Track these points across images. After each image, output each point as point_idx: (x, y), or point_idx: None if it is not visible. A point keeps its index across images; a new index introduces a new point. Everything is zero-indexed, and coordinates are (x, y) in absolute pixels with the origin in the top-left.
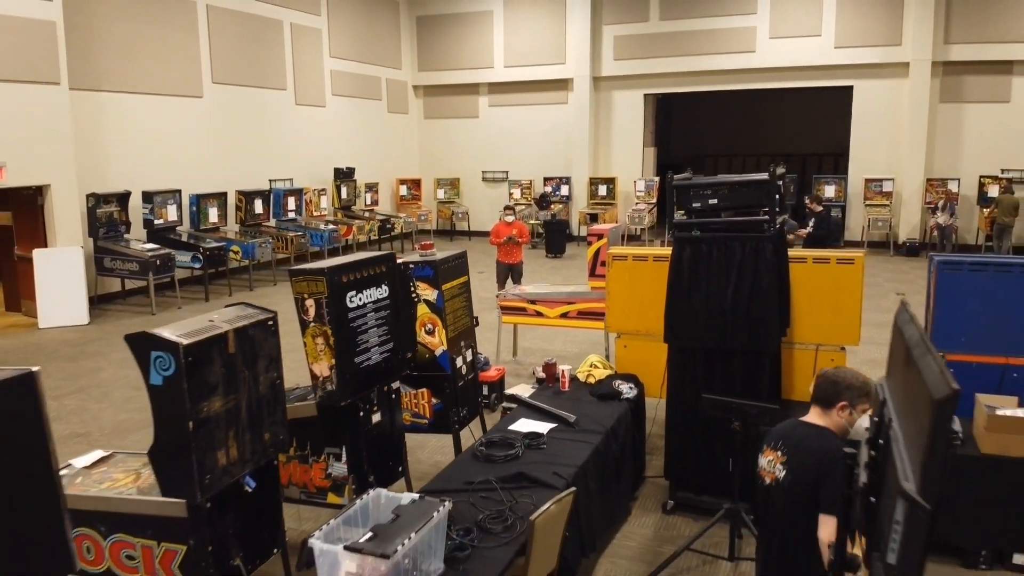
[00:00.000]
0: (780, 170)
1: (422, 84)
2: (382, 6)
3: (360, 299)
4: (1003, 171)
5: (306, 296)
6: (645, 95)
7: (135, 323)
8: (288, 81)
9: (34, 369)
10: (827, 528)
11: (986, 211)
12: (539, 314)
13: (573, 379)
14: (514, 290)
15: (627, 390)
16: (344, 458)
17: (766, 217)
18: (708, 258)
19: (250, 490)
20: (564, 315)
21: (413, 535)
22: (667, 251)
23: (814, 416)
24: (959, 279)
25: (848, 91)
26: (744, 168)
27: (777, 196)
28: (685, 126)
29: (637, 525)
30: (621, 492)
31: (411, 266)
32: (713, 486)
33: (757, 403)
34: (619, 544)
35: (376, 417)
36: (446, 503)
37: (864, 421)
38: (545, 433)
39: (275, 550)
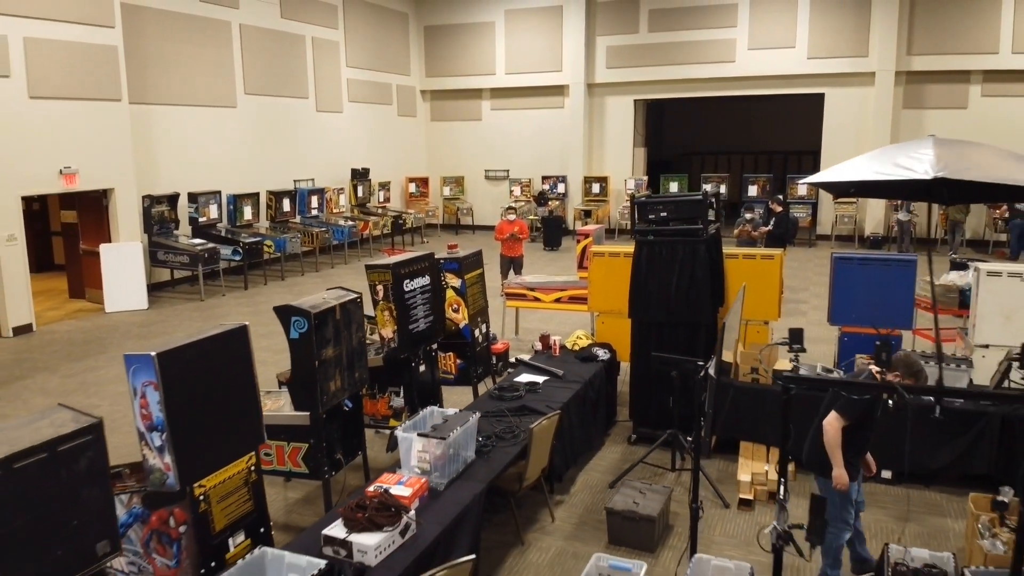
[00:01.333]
0: (713, 189)
1: (429, 89)
2: (393, 18)
3: (412, 285)
4: None
5: (377, 283)
6: (635, 100)
7: (188, 308)
8: (310, 90)
9: (246, 323)
10: (830, 416)
11: (941, 209)
12: (537, 299)
13: (562, 347)
14: (516, 280)
15: (602, 354)
16: (401, 395)
17: (700, 226)
18: (659, 256)
19: (348, 409)
20: (558, 300)
21: (458, 428)
22: (632, 249)
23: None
24: (851, 270)
25: (820, 98)
26: (729, 165)
27: (712, 208)
28: (674, 128)
29: (608, 452)
30: (597, 425)
31: (442, 261)
32: (663, 421)
33: (691, 359)
34: (594, 464)
35: (422, 368)
36: (476, 414)
37: None
38: (541, 382)
39: (359, 452)
